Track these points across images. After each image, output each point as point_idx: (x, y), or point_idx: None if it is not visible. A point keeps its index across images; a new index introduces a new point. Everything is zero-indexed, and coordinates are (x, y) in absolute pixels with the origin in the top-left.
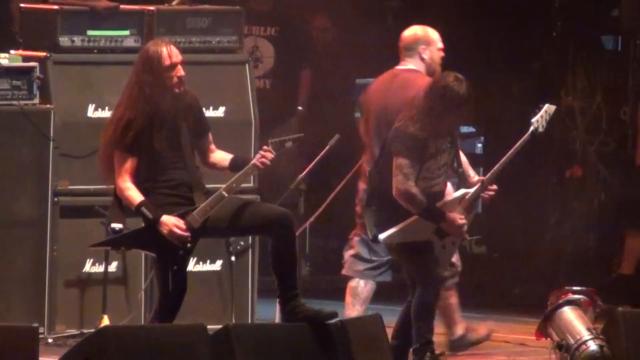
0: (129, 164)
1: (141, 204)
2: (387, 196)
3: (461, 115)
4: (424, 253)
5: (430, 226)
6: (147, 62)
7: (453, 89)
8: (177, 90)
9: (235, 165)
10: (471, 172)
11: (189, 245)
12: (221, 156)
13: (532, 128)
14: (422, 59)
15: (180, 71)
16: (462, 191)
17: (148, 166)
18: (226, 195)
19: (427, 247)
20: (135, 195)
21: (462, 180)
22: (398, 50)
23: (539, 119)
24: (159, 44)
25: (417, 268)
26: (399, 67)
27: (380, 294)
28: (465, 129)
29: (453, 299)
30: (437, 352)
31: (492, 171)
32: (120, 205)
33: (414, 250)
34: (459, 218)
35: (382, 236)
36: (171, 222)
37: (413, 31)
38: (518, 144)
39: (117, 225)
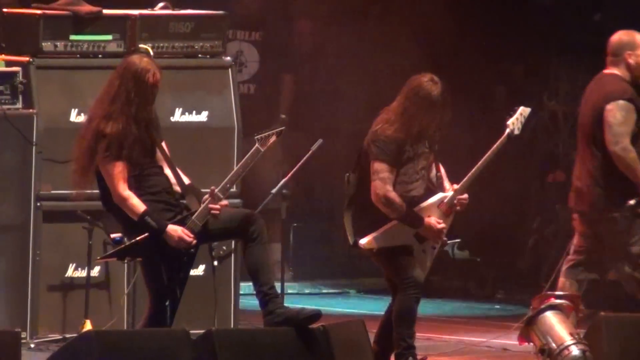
0: (124, 173)
1: (145, 213)
2: (366, 201)
3: (435, 116)
4: (404, 257)
5: (409, 230)
6: (135, 77)
7: (426, 89)
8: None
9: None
10: (447, 184)
11: (192, 250)
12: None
13: (507, 131)
14: (628, 65)
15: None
16: (440, 195)
17: (131, 175)
18: (222, 196)
19: (407, 251)
20: (138, 204)
21: (438, 185)
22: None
23: (514, 122)
24: (145, 61)
25: (398, 272)
26: (605, 71)
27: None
28: None
29: None
30: (419, 356)
31: (468, 175)
32: (117, 215)
33: (394, 254)
34: (437, 222)
35: (362, 241)
36: (178, 232)
37: (618, 36)
38: (494, 147)
39: (116, 236)
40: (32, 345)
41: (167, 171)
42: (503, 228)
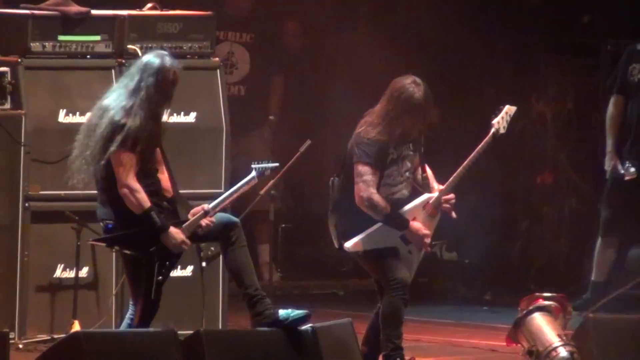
0: (135, 166)
1: (151, 208)
2: (351, 204)
3: (417, 118)
4: (390, 259)
5: (395, 232)
6: (157, 74)
7: (408, 90)
8: None
9: None
10: (434, 185)
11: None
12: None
13: (493, 130)
14: None
15: None
16: (425, 196)
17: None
18: (212, 213)
19: (393, 253)
20: (145, 198)
21: (424, 187)
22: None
23: (500, 121)
24: (168, 60)
25: (384, 274)
26: None
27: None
28: None
29: None
30: (406, 357)
31: (454, 175)
32: (116, 207)
33: (380, 256)
34: (423, 228)
35: (347, 244)
36: (180, 235)
37: None
38: (480, 146)
39: (110, 222)
40: (21, 346)
41: (163, 174)
42: (491, 229)
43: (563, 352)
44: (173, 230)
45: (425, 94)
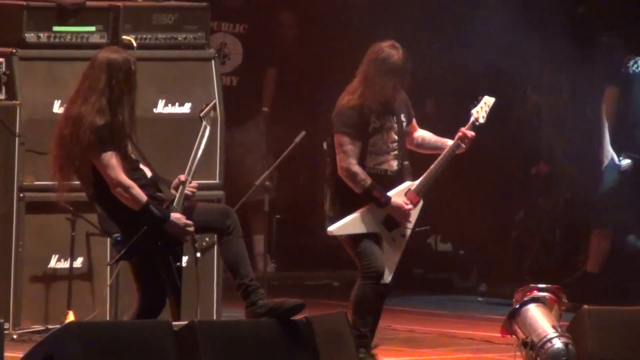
0: (120, 164)
1: (149, 202)
2: (339, 182)
3: (396, 80)
4: (368, 246)
5: (378, 218)
6: (124, 69)
7: (386, 51)
8: None
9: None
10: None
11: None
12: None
13: (472, 119)
14: None
15: None
16: (407, 183)
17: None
18: (190, 179)
19: (373, 241)
20: (140, 193)
21: (406, 174)
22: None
23: (479, 110)
24: (122, 51)
25: (360, 259)
26: None
27: None
28: None
29: None
30: (373, 344)
31: (435, 162)
32: (113, 210)
33: (360, 242)
34: (406, 203)
35: (330, 229)
36: (182, 219)
37: None
38: (460, 133)
39: (117, 235)
40: (15, 336)
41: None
42: (486, 221)
43: (558, 343)
44: (174, 216)
45: (404, 56)
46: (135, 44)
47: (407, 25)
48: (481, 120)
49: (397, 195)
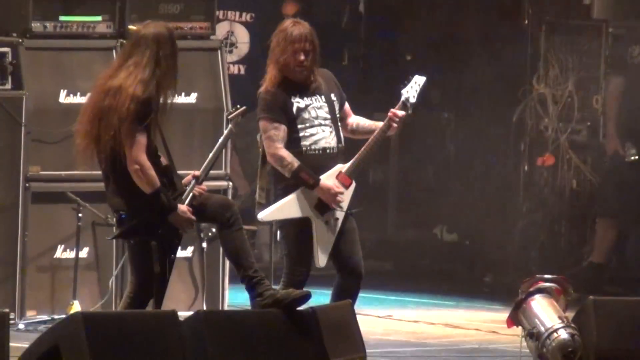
0: (145, 139)
1: (161, 189)
2: (271, 170)
3: (292, 53)
4: (297, 252)
5: (309, 202)
6: (172, 45)
7: (283, 28)
8: None
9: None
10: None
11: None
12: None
13: (402, 98)
14: None
15: None
16: (338, 166)
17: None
18: (203, 176)
19: (304, 239)
20: (155, 177)
21: (340, 156)
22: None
23: (409, 89)
24: (172, 28)
25: (285, 264)
26: None
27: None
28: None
29: None
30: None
31: (370, 141)
32: (122, 186)
33: (291, 243)
34: (336, 186)
35: (261, 215)
36: (187, 213)
37: None
38: (393, 111)
39: (123, 212)
40: (21, 326)
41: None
42: (492, 211)
43: (564, 333)
44: (181, 209)
45: (305, 30)
46: None
47: (414, 15)
48: (412, 100)
49: (329, 177)
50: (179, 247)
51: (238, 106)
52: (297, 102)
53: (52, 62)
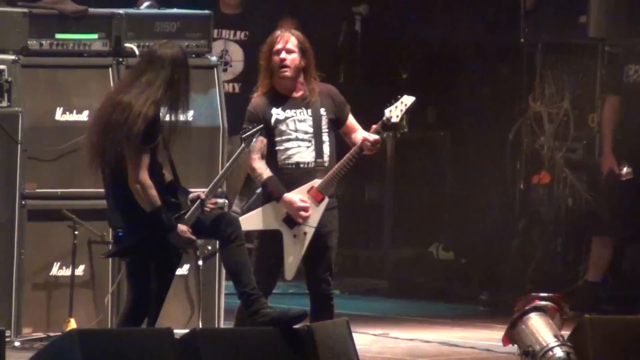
0: (148, 161)
1: (161, 207)
2: (248, 181)
3: (275, 54)
4: (258, 259)
5: (278, 215)
6: (182, 68)
7: (270, 36)
8: None
9: None
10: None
11: (181, 251)
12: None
13: (384, 118)
14: None
15: None
16: (313, 181)
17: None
18: (211, 197)
19: (273, 237)
20: (156, 196)
21: (319, 171)
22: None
23: (393, 109)
24: (186, 52)
25: (255, 258)
26: None
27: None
28: None
29: None
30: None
31: (344, 158)
32: (122, 204)
33: (257, 239)
34: (300, 200)
35: None
36: (187, 232)
37: None
38: (372, 130)
39: (120, 231)
40: (17, 344)
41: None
42: (488, 229)
43: (559, 352)
44: (180, 228)
45: (287, 32)
46: (137, 52)
47: (410, 30)
48: (394, 120)
49: (299, 192)
50: None
51: (254, 125)
52: (277, 114)
53: (48, 79)
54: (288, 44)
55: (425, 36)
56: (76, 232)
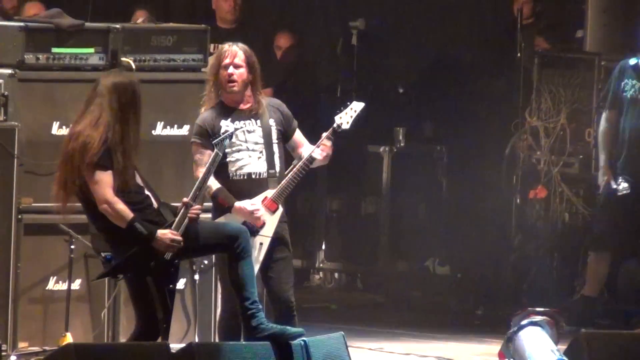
0: (109, 179)
1: (134, 219)
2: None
3: (222, 68)
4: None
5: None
6: (132, 93)
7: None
8: None
9: None
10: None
11: (176, 261)
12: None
13: (334, 125)
14: None
15: None
16: (266, 191)
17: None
18: (194, 203)
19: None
20: (126, 209)
21: (271, 181)
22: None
23: (343, 116)
24: (132, 76)
25: (220, 271)
26: None
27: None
28: None
29: None
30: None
31: (297, 166)
32: (105, 229)
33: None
34: (250, 204)
35: None
36: (167, 234)
37: None
38: (323, 137)
39: (107, 254)
40: (13, 358)
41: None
42: (484, 244)
43: None
44: (160, 233)
45: (234, 46)
46: (134, 66)
47: (407, 47)
48: (344, 126)
49: (255, 202)
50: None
51: (222, 132)
52: (227, 126)
53: (45, 93)
54: (236, 59)
55: (421, 51)
56: (72, 247)
